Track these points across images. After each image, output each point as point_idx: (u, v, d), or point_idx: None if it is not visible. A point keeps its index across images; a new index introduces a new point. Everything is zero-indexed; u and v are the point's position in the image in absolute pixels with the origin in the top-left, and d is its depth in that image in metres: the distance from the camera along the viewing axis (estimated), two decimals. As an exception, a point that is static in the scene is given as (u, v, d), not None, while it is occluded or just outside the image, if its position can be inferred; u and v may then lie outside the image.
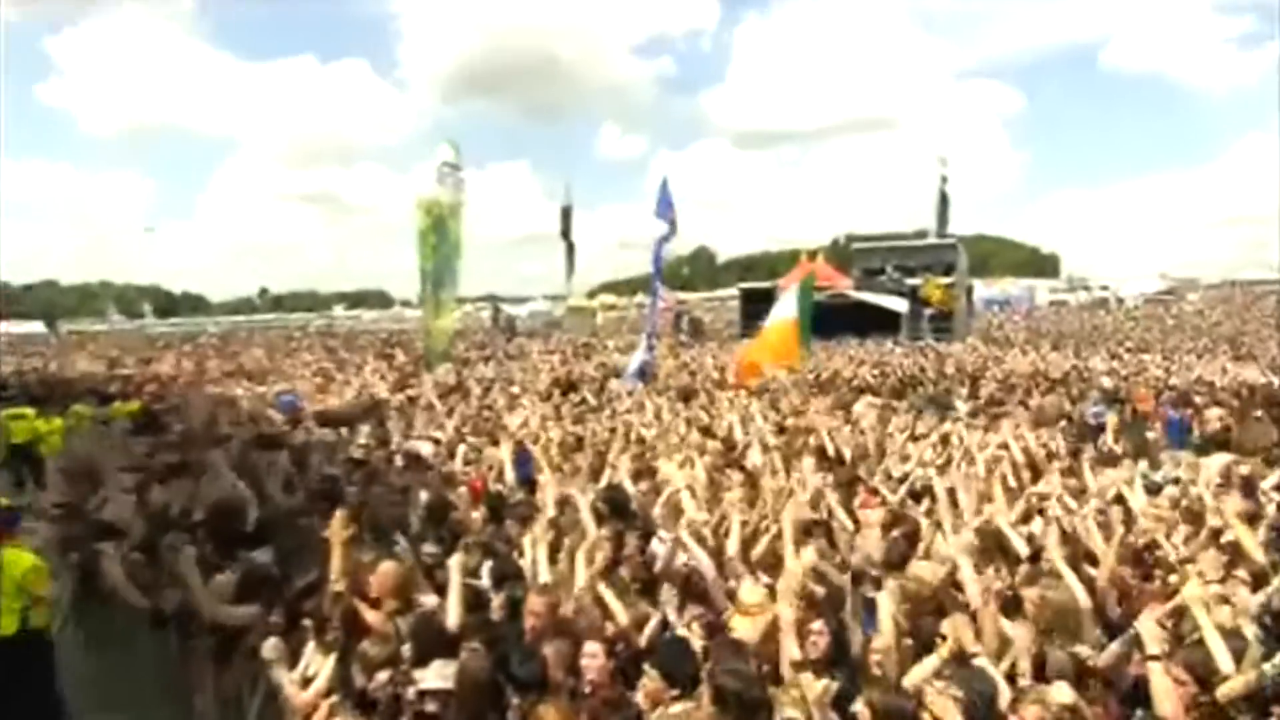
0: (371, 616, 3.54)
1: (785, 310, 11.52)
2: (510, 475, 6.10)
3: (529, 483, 6.06)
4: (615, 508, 5.26)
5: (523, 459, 6.60)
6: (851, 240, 48.45)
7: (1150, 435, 9.45)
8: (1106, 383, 14.45)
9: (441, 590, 3.75)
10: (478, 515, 5.33)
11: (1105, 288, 62.65)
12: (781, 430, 8.42)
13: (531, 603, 3.61)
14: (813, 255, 44.47)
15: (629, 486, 5.91)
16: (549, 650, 3.29)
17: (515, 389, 12.87)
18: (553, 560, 4.20)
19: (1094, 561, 4.54)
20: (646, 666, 3.20)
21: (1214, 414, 10.35)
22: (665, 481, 5.91)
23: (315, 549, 3.96)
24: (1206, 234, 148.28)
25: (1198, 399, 11.91)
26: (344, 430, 8.46)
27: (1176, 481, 6.39)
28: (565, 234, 52.83)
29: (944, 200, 49.25)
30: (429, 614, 3.57)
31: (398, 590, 3.71)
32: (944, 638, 3.32)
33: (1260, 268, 65.11)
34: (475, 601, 3.77)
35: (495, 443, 7.15)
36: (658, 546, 4.61)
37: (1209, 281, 65.93)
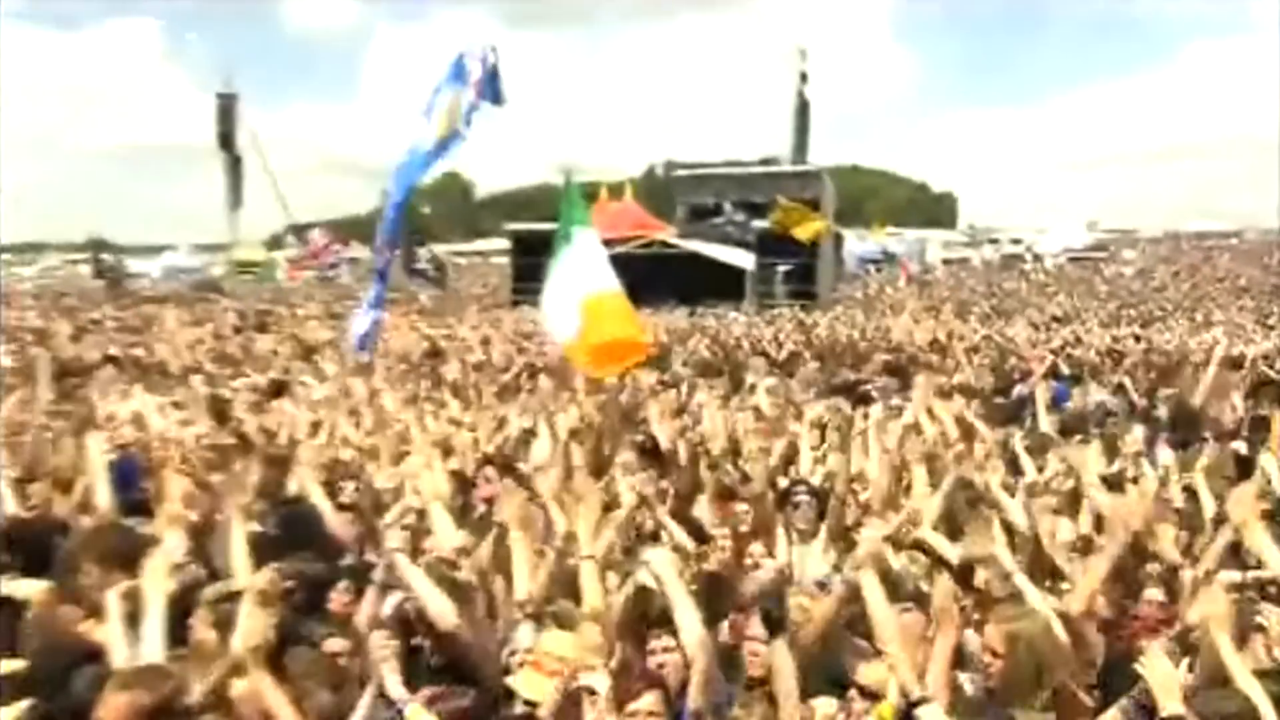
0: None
1: (604, 277, 10.90)
2: (103, 496, 5.93)
3: (137, 506, 6.11)
4: (296, 533, 5.44)
5: (127, 470, 6.75)
6: (673, 169, 49.65)
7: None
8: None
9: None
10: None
11: (1018, 241, 69.54)
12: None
13: (109, 704, 3.38)
14: (617, 190, 45.52)
15: (321, 501, 6.08)
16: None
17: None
18: (175, 636, 4.07)
19: (1054, 575, 4.95)
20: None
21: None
22: (397, 490, 6.33)
23: None
24: (1145, 171, 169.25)
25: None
26: None
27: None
28: (227, 145, 51.17)
29: (803, 110, 52.16)
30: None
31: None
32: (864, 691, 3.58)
33: (1210, 216, 74.97)
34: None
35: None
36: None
37: (1149, 234, 75.17)
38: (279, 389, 12.02)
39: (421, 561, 4.64)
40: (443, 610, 4.16)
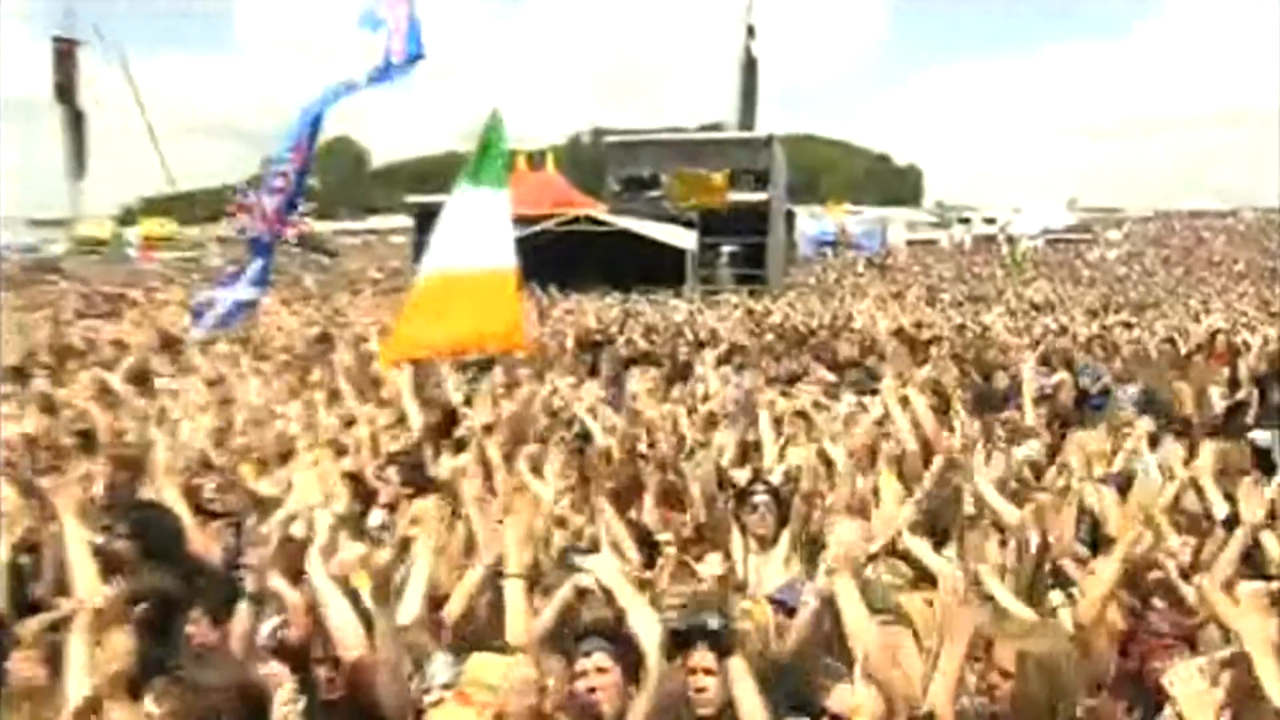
0: None
1: (495, 252, 10.40)
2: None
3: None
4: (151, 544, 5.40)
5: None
6: (602, 136, 49.57)
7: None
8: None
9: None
10: None
11: (991, 221, 70.88)
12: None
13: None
14: (537, 159, 45.40)
15: (179, 506, 6.06)
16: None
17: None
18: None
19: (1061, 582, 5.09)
20: None
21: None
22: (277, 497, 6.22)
23: None
24: (1131, 143, 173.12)
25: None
26: None
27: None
28: (65, 97, 50.71)
29: (750, 69, 52.35)
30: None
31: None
32: None
33: (1204, 193, 76.70)
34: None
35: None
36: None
37: (1136, 213, 76.69)
38: (137, 380, 11.76)
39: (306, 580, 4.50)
40: (349, 634, 4.06)
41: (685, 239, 35.95)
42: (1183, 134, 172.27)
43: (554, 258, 28.04)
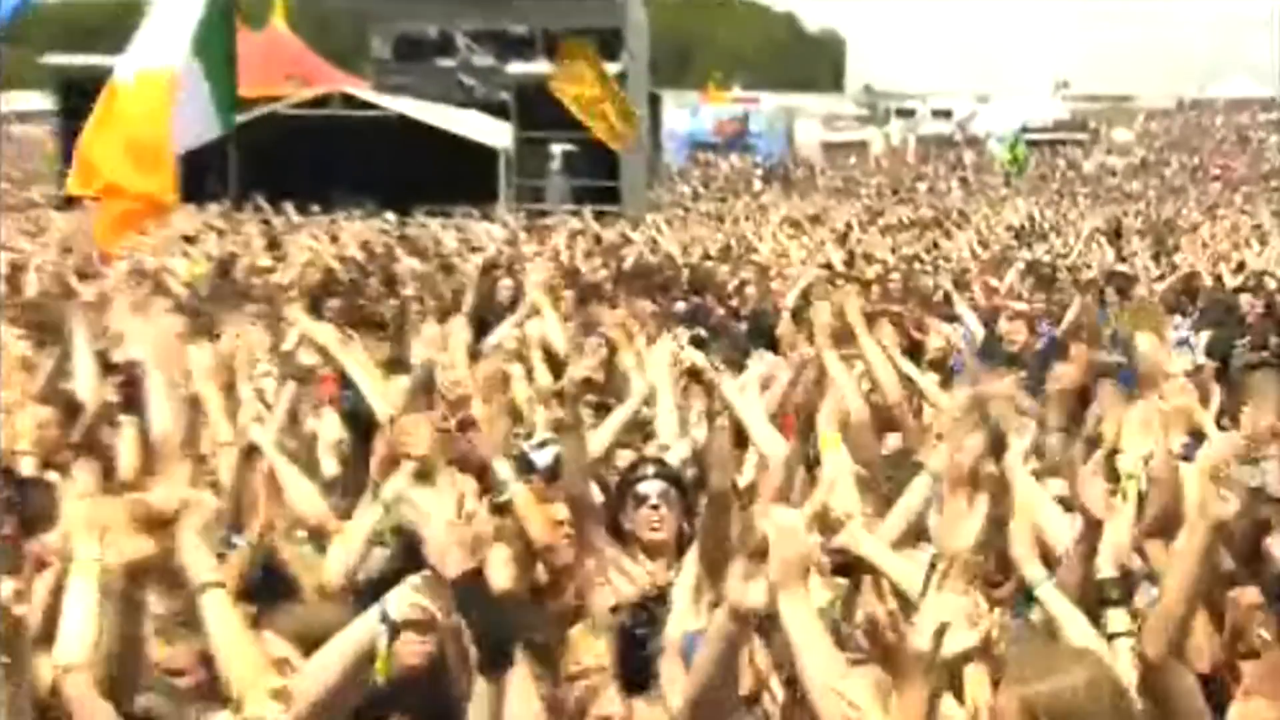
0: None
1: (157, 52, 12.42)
2: None
3: None
4: None
5: None
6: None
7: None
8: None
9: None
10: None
11: (945, 114, 72.69)
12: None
13: None
14: (258, 12, 45.05)
15: None
16: None
17: None
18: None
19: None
20: None
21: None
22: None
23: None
24: (1145, 6, 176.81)
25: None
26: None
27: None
28: None
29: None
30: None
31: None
32: None
33: (1241, 72, 79.20)
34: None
35: None
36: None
37: (1153, 103, 78.94)
38: None
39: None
40: None
41: (496, 133, 36.13)
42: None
43: (288, 157, 28.15)
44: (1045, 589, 5.10)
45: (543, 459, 7.79)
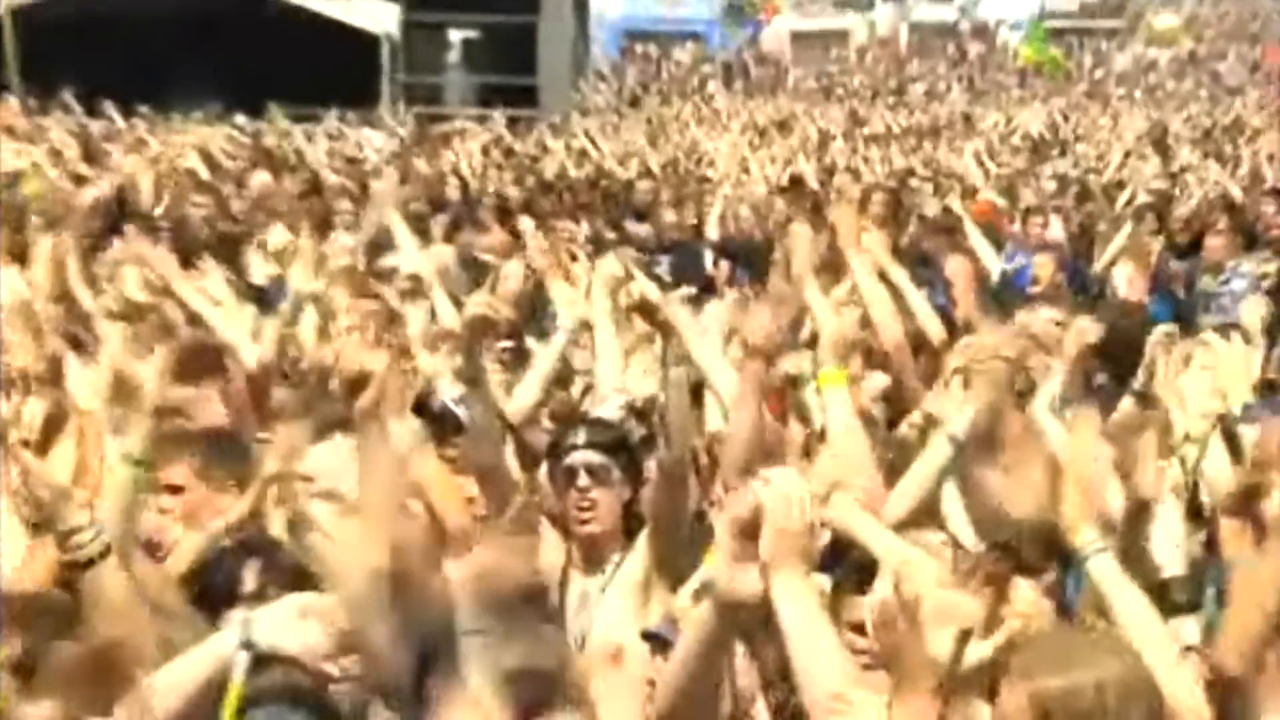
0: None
1: None
2: None
3: None
4: None
5: None
6: None
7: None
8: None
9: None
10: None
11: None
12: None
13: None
14: None
15: None
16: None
17: None
18: None
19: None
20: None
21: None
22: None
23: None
24: None
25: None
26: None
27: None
28: None
29: None
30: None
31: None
32: None
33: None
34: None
35: None
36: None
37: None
38: None
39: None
40: None
41: (378, 16, 35.62)
42: None
43: (128, 49, 28.22)
44: (1101, 561, 4.98)
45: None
